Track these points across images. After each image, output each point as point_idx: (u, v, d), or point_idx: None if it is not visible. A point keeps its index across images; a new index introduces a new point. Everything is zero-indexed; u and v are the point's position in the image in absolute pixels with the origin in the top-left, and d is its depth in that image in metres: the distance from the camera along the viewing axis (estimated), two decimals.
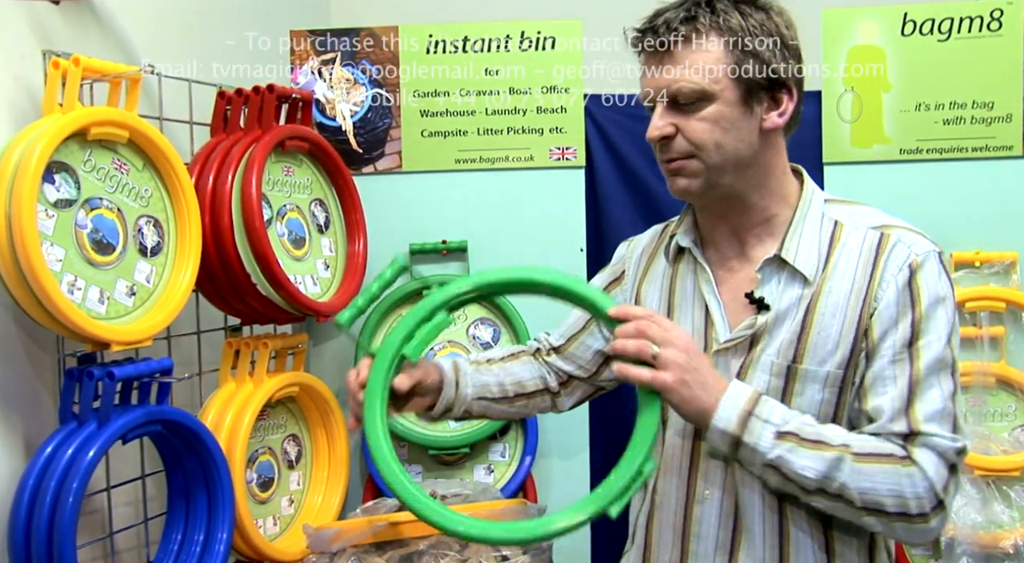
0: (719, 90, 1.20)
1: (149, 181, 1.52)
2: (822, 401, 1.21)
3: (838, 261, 1.23)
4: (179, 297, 1.52)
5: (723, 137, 1.22)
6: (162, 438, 1.56)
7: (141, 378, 1.46)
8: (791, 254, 1.23)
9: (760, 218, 1.27)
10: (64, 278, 1.35)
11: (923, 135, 2.03)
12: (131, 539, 1.63)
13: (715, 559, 1.26)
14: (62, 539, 1.31)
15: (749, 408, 1.15)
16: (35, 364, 1.44)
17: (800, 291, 1.23)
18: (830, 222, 1.26)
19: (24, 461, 1.39)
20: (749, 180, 1.25)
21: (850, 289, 1.21)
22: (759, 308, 1.24)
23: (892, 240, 1.22)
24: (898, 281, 1.19)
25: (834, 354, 1.20)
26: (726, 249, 1.31)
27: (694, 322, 1.30)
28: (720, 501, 1.26)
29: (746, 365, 1.24)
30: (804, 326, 1.22)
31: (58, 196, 1.36)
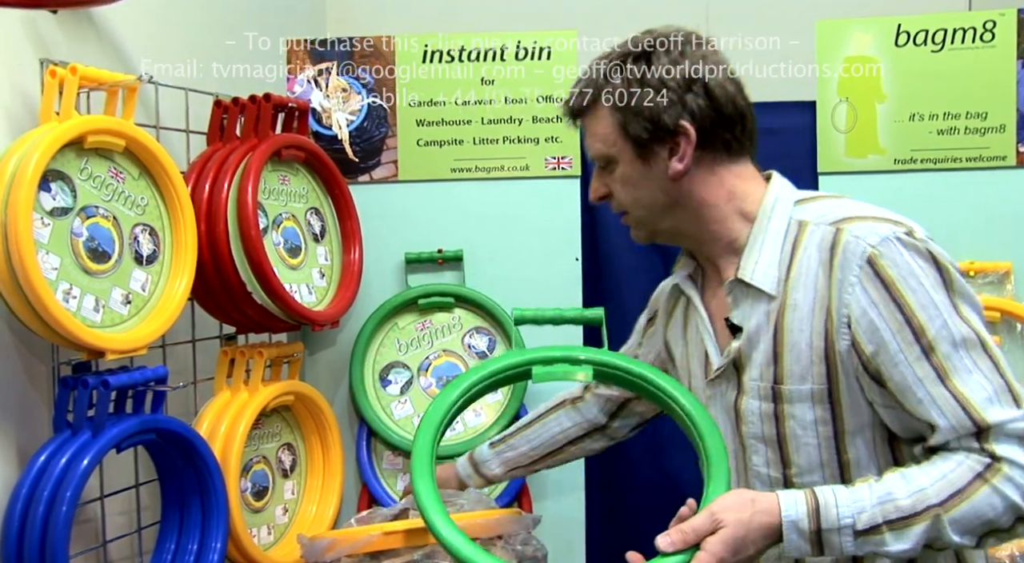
0: (617, 151, 1.25)
1: (145, 190, 1.53)
2: (816, 419, 1.17)
3: (800, 268, 1.18)
4: (174, 306, 1.52)
5: (636, 193, 1.26)
6: (156, 447, 1.56)
7: (136, 387, 1.46)
8: (748, 273, 1.21)
9: (723, 242, 1.26)
10: (59, 286, 1.35)
11: (917, 145, 2.04)
12: (125, 548, 1.63)
13: None
14: (55, 548, 1.31)
15: (814, 527, 1.07)
16: (29, 372, 1.44)
17: (767, 308, 1.20)
18: (795, 225, 1.21)
19: (18, 470, 1.38)
20: (685, 218, 1.26)
21: (813, 296, 1.16)
22: (733, 332, 1.23)
23: (844, 237, 1.14)
24: (862, 280, 1.11)
25: (811, 369, 1.16)
26: (711, 276, 1.32)
27: (699, 358, 1.32)
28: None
29: (740, 393, 1.24)
30: (776, 344, 1.18)
31: (54, 204, 1.36)
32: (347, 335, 2.04)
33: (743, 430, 1.23)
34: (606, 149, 1.25)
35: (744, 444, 1.24)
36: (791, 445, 1.20)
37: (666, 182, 1.24)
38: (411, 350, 2.05)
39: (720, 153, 1.24)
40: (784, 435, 1.20)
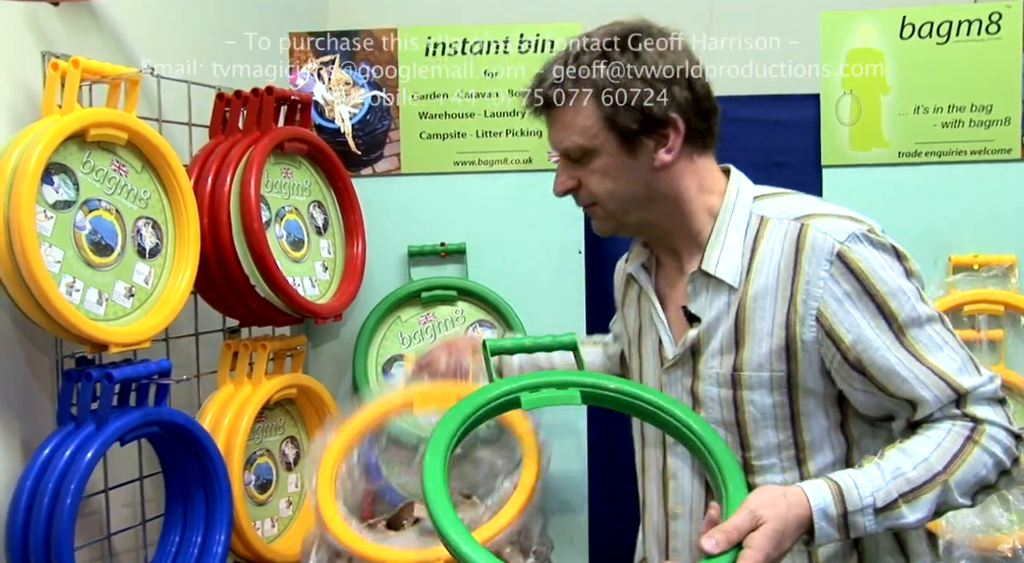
0: (599, 144, 1.23)
1: (148, 183, 1.52)
2: (774, 404, 1.22)
3: (762, 260, 1.22)
4: (177, 299, 1.52)
5: (614, 185, 1.25)
6: (160, 440, 1.56)
7: (139, 380, 1.46)
8: (712, 265, 1.24)
9: (686, 235, 1.28)
10: (63, 280, 1.35)
11: (922, 138, 2.03)
12: (129, 541, 1.63)
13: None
14: (60, 540, 1.31)
15: (840, 511, 1.10)
16: (33, 366, 1.44)
17: (727, 299, 1.24)
18: (756, 219, 1.25)
19: (22, 462, 1.39)
20: (659, 211, 1.27)
21: (775, 288, 1.20)
22: (691, 322, 1.26)
23: (810, 232, 1.18)
24: (833, 274, 1.16)
25: (770, 357, 1.20)
26: (669, 266, 1.34)
27: (652, 344, 1.34)
28: (689, 515, 1.27)
29: (696, 380, 1.26)
30: (737, 332, 1.22)
31: (57, 197, 1.36)
32: (350, 328, 2.04)
33: (701, 414, 1.26)
34: (584, 141, 1.24)
35: None
36: (750, 429, 1.23)
37: (648, 174, 1.24)
38: (414, 343, 2.05)
39: (697, 146, 1.27)
40: (743, 420, 1.23)
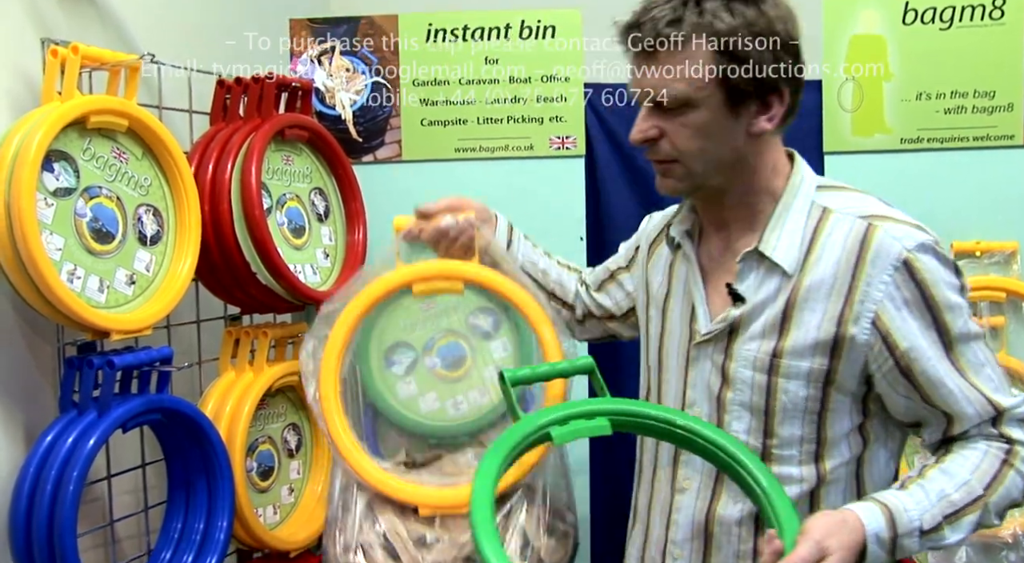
0: (704, 97, 1.16)
1: (148, 170, 1.52)
2: (807, 397, 1.20)
3: (821, 252, 1.19)
4: (179, 286, 1.52)
5: (706, 144, 1.19)
6: (162, 427, 1.56)
7: (141, 367, 1.47)
8: (769, 247, 1.21)
9: (747, 212, 1.25)
10: (64, 267, 1.35)
11: (924, 124, 2.03)
12: (132, 527, 1.64)
13: (692, 546, 1.28)
14: (63, 527, 1.32)
15: (891, 535, 1.10)
16: (35, 353, 1.45)
17: (779, 284, 1.20)
18: (818, 210, 1.22)
19: (25, 450, 1.39)
20: (735, 179, 1.23)
21: (832, 283, 1.18)
22: (734, 300, 1.23)
23: (879, 234, 1.17)
24: (896, 280, 1.15)
25: (815, 349, 1.18)
26: (714, 240, 1.30)
27: (681, 313, 1.31)
28: (697, 491, 1.27)
29: (729, 358, 1.23)
30: (784, 319, 1.19)
31: (57, 185, 1.36)
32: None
33: (727, 396, 1.23)
34: (689, 91, 1.16)
35: (726, 409, 1.24)
36: (777, 418, 1.21)
37: (742, 139, 1.19)
38: (415, 330, 2.05)
39: (783, 123, 1.22)
40: (773, 408, 1.21)
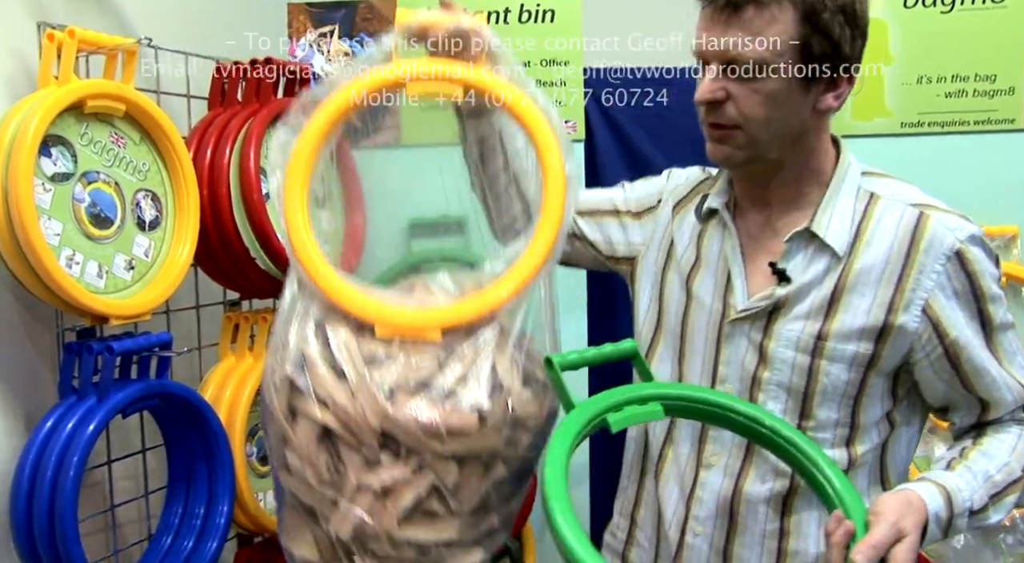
0: (780, 64, 1.14)
1: (147, 155, 1.52)
2: (847, 382, 1.20)
3: (872, 237, 1.19)
4: (178, 271, 1.52)
5: (773, 113, 1.16)
6: (162, 412, 1.56)
7: (140, 352, 1.46)
8: (822, 228, 1.20)
9: (793, 192, 1.24)
10: (62, 252, 1.35)
11: (925, 108, 2.02)
12: (132, 512, 1.64)
13: (716, 523, 1.27)
14: (63, 512, 1.32)
15: (947, 515, 1.12)
16: (34, 339, 1.44)
17: (827, 266, 1.20)
18: (865, 195, 1.22)
19: (25, 435, 1.39)
20: (791, 155, 1.22)
21: (883, 268, 1.18)
22: (780, 280, 1.22)
23: (932, 223, 1.18)
24: (948, 270, 1.17)
25: (862, 333, 1.18)
26: (753, 217, 1.28)
27: (715, 287, 1.28)
28: (724, 468, 1.26)
29: (768, 337, 1.22)
30: (832, 302, 1.19)
31: (55, 170, 1.36)
32: None
33: (764, 375, 1.23)
34: (768, 55, 1.13)
35: (761, 388, 1.23)
36: (816, 400, 1.21)
37: (808, 113, 1.18)
38: None
39: (841, 105, 1.23)
40: (812, 390, 1.21)
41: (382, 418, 1.05)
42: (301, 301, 1.15)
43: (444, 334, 1.10)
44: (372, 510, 1.08)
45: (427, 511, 1.09)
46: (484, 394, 1.08)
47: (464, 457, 1.09)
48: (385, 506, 1.08)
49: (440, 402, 1.06)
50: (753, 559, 1.25)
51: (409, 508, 1.08)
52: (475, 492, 1.11)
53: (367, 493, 1.07)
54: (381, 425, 1.05)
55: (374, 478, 1.07)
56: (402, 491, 1.07)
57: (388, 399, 1.06)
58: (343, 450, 1.08)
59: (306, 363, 1.10)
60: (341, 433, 1.07)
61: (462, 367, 1.09)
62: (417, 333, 1.11)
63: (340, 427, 1.07)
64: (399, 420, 1.05)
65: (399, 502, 1.07)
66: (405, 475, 1.07)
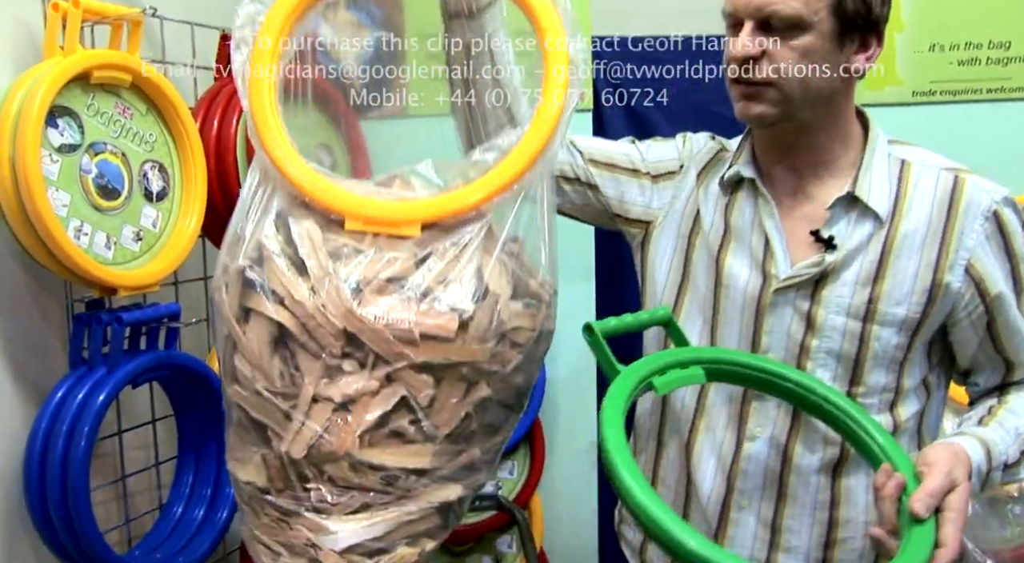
0: (816, 21, 1.15)
1: (153, 125, 1.51)
2: (896, 346, 1.21)
3: (912, 201, 1.22)
4: (185, 242, 1.52)
5: (808, 70, 1.18)
6: (171, 383, 1.57)
7: (149, 323, 1.47)
8: (864, 192, 1.21)
9: (823, 157, 1.25)
10: (70, 223, 1.35)
11: (937, 76, 2.00)
12: (143, 482, 1.65)
13: (762, 495, 1.27)
14: (75, 482, 1.33)
15: (987, 469, 1.15)
16: (43, 310, 1.45)
17: (871, 230, 1.21)
18: (896, 161, 1.24)
19: (36, 406, 1.40)
20: (821, 118, 1.22)
21: (925, 231, 1.20)
22: (827, 247, 1.22)
23: (969, 186, 1.21)
24: (986, 230, 1.20)
25: (911, 296, 1.20)
26: (782, 185, 1.28)
27: (751, 256, 1.27)
28: (770, 440, 1.26)
29: (815, 304, 1.22)
30: (880, 267, 1.21)
31: (62, 141, 1.35)
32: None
33: (812, 343, 1.23)
34: (805, 12, 1.15)
35: (809, 356, 1.23)
36: (867, 365, 1.22)
37: (838, 74, 1.19)
38: None
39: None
40: (864, 355, 1.22)
41: (346, 317, 0.91)
42: (262, 192, 1.01)
43: (423, 230, 0.96)
44: (330, 426, 0.93)
45: (395, 432, 0.96)
46: (467, 296, 0.94)
47: (441, 370, 0.95)
48: (346, 421, 0.94)
49: (415, 301, 0.92)
50: (804, 529, 1.25)
51: (373, 425, 0.94)
52: (453, 414, 0.98)
53: (326, 405, 0.93)
54: (344, 325, 0.91)
55: (334, 389, 0.93)
56: (366, 404, 0.93)
57: (354, 296, 0.92)
58: (300, 356, 0.94)
59: (263, 256, 0.95)
60: (298, 334, 0.93)
61: (443, 266, 0.95)
62: (393, 227, 0.96)
63: (297, 327, 0.93)
64: (365, 320, 0.91)
65: (362, 417, 0.93)
66: (371, 386, 0.93)
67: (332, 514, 0.97)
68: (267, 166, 1.00)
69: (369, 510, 0.98)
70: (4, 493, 1.37)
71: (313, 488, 0.97)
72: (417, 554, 1.02)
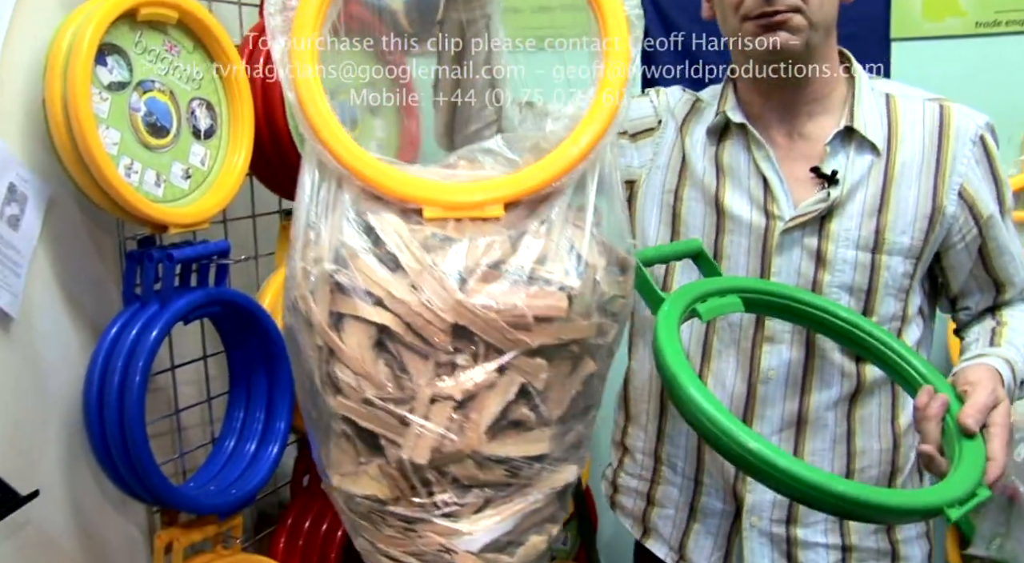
0: None
1: (200, 63, 1.51)
2: (903, 273, 1.24)
3: (904, 131, 1.25)
4: (234, 180, 1.53)
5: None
6: (222, 319, 1.59)
7: (199, 260, 1.48)
8: (861, 125, 1.23)
9: (818, 93, 1.26)
10: (121, 161, 1.36)
11: (1002, 6, 1.92)
12: (195, 417, 1.69)
13: (780, 437, 1.27)
14: (132, 415, 1.36)
15: (1014, 385, 1.19)
16: (98, 248, 1.47)
17: (870, 163, 1.23)
18: (881, 95, 1.28)
19: (93, 341, 1.43)
20: (822, 48, 1.24)
21: (921, 159, 1.23)
22: (829, 182, 1.22)
23: (955, 114, 1.26)
24: (975, 155, 1.25)
25: (914, 224, 1.23)
26: (774, 126, 1.28)
27: (752, 199, 1.27)
28: (785, 380, 1.26)
29: (824, 240, 1.23)
30: (883, 197, 1.23)
31: (111, 79, 1.36)
32: None
33: (824, 278, 1.24)
34: None
35: (822, 291, 1.25)
36: (879, 295, 1.24)
37: (839, 3, 1.24)
38: None
39: None
40: (875, 285, 1.24)
41: (455, 310, 0.87)
42: (326, 190, 0.96)
43: (507, 210, 0.93)
44: (453, 426, 0.90)
45: (515, 421, 0.93)
46: (570, 272, 0.91)
47: (553, 352, 0.92)
48: (469, 417, 0.90)
49: (522, 284, 0.89)
50: (824, 464, 1.26)
51: (496, 418, 0.91)
52: (567, 393, 0.95)
53: (445, 405, 0.90)
54: (455, 319, 0.88)
55: (453, 386, 0.90)
56: (487, 398, 0.90)
57: (460, 286, 0.88)
58: (406, 356, 0.90)
59: (346, 256, 0.90)
60: (403, 335, 0.89)
61: (539, 245, 0.91)
62: (476, 210, 0.92)
63: (401, 327, 0.89)
64: (477, 310, 0.87)
65: (486, 411, 0.90)
66: (489, 378, 0.90)
67: (461, 516, 0.94)
68: (331, 163, 0.95)
69: (494, 505, 0.95)
70: (66, 425, 1.41)
71: (439, 492, 0.93)
72: (546, 540, 1.01)
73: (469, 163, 1.00)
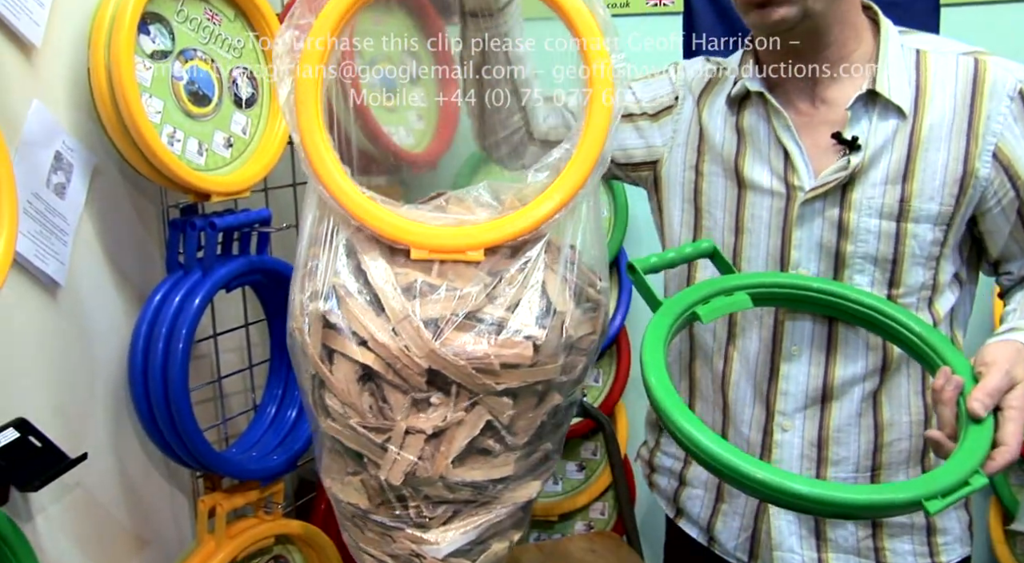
0: None
1: (241, 31, 1.51)
2: (932, 241, 1.18)
3: (934, 91, 1.17)
4: (275, 148, 1.53)
5: None
6: (263, 287, 1.61)
7: (241, 228, 1.50)
8: (885, 88, 1.17)
9: (838, 54, 1.20)
10: (164, 130, 1.37)
11: None
12: (237, 384, 1.71)
13: (805, 414, 1.26)
14: (175, 381, 1.38)
15: None
16: (142, 216, 1.49)
17: (895, 127, 1.17)
18: (911, 51, 1.20)
19: (137, 307, 1.45)
20: (835, 12, 1.17)
21: (951, 120, 1.16)
22: (850, 149, 1.18)
23: (991, 68, 1.17)
24: (1013, 111, 1.15)
25: (943, 189, 1.16)
26: (795, 94, 1.24)
27: (771, 170, 1.24)
28: (809, 357, 1.24)
29: (846, 210, 1.19)
30: (908, 163, 1.17)
31: (154, 47, 1.37)
32: (445, 177, 2.03)
33: (848, 249, 1.20)
34: None
35: (846, 263, 1.21)
36: (905, 265, 1.19)
37: None
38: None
39: None
40: (901, 255, 1.19)
41: (429, 356, 0.96)
42: (327, 225, 1.04)
43: (487, 254, 1.01)
44: (424, 454, 1.01)
45: (481, 449, 1.03)
46: (537, 320, 0.99)
47: (518, 390, 1.01)
48: (439, 448, 1.01)
49: (492, 334, 0.98)
50: (851, 440, 1.24)
51: (463, 449, 1.01)
52: (531, 424, 1.05)
53: (419, 437, 1.00)
54: (428, 364, 0.97)
55: (425, 421, 1.00)
56: (455, 432, 1.00)
57: (434, 334, 0.97)
58: (387, 391, 1.00)
59: (339, 295, 1.00)
60: (384, 373, 0.98)
61: (512, 292, 0.99)
62: (458, 253, 1.00)
63: (382, 367, 0.98)
64: (448, 358, 0.96)
65: (453, 444, 1.00)
66: (457, 415, 1.00)
67: (430, 527, 1.07)
68: (328, 200, 1.03)
69: (460, 518, 1.07)
70: (112, 390, 1.43)
71: (412, 506, 1.05)
72: (507, 547, 1.12)
73: (459, 204, 1.09)
